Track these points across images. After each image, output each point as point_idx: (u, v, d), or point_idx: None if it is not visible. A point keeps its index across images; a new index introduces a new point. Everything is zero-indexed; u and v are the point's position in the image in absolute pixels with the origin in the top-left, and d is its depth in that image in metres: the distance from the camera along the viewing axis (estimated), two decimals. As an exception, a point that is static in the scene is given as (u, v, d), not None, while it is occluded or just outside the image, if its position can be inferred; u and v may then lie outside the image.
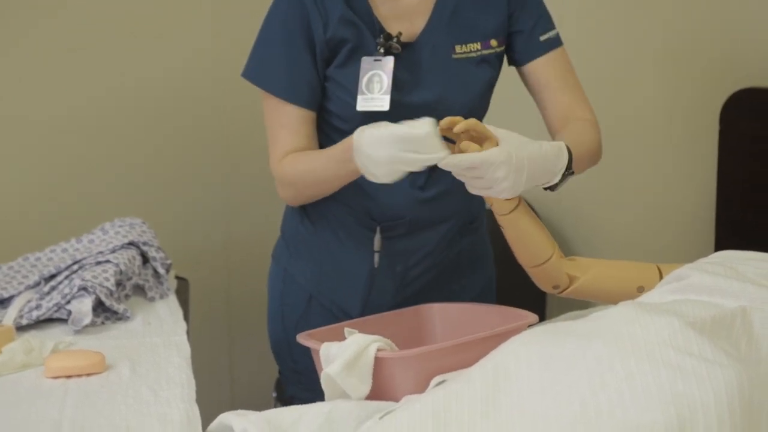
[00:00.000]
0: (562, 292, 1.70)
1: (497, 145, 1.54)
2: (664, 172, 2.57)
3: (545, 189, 1.64)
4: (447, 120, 1.56)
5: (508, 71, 1.86)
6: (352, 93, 1.74)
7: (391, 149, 1.53)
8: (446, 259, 1.88)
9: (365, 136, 1.57)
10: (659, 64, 2.53)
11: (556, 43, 1.82)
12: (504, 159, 1.51)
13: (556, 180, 1.62)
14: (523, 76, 1.85)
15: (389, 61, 1.73)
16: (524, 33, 1.80)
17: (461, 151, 1.56)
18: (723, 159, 2.40)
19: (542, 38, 1.81)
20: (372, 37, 1.74)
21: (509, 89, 1.91)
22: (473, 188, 1.56)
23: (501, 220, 1.65)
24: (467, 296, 1.91)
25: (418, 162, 1.53)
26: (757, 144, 2.35)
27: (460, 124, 1.54)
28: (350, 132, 1.63)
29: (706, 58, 2.45)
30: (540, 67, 1.81)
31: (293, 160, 1.75)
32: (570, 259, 1.70)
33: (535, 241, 1.66)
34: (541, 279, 1.69)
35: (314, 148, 1.78)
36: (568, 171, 1.62)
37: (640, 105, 2.57)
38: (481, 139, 1.57)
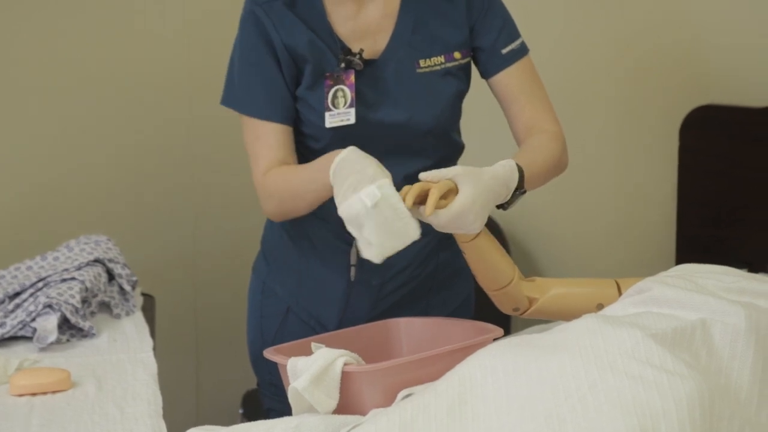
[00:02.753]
0: (522, 313, 1.72)
1: (456, 187, 1.56)
2: (626, 188, 2.60)
3: (497, 208, 1.66)
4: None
5: (481, 80, 1.87)
6: (322, 115, 1.76)
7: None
8: (423, 274, 1.88)
9: (344, 216, 1.55)
10: (620, 81, 2.56)
11: (520, 53, 1.82)
12: (470, 205, 1.55)
13: (508, 198, 1.64)
14: (490, 88, 1.86)
15: (350, 75, 1.74)
16: (487, 47, 1.81)
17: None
18: (683, 174, 2.43)
19: (505, 51, 1.81)
20: (335, 58, 1.76)
21: (485, 97, 1.92)
22: (442, 229, 1.58)
23: (463, 247, 1.67)
24: (445, 311, 1.91)
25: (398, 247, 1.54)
26: (716, 160, 2.39)
27: (409, 194, 1.55)
28: (323, 151, 1.64)
29: (665, 75, 2.49)
30: (504, 79, 1.82)
31: (276, 172, 1.75)
32: (529, 280, 1.71)
33: (496, 266, 1.68)
34: (502, 302, 1.71)
35: (295, 159, 1.80)
36: (520, 190, 1.65)
37: (600, 122, 2.61)
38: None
